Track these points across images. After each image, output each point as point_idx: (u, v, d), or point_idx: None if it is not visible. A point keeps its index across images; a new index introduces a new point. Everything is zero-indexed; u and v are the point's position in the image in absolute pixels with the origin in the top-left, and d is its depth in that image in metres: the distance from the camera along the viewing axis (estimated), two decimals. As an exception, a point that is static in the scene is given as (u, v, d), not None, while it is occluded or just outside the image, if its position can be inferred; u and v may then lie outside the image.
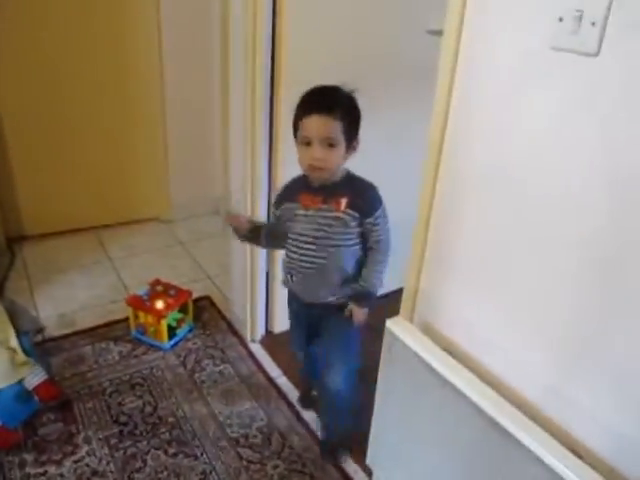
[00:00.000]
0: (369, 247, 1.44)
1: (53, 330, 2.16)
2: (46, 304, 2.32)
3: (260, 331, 2.20)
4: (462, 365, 1.11)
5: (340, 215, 1.40)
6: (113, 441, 1.71)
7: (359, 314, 1.48)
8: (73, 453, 1.67)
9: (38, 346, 2.00)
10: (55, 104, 2.63)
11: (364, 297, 1.47)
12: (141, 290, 2.14)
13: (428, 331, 1.20)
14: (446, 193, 1.13)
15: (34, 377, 1.75)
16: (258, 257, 2.05)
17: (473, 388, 1.06)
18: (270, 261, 2.08)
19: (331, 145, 1.32)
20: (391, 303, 1.43)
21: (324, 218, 1.41)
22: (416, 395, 1.19)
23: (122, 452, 1.67)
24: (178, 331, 2.13)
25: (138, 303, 2.07)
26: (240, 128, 1.88)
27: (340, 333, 1.54)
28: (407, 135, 1.98)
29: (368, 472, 1.59)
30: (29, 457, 1.64)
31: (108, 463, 1.63)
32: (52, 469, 1.61)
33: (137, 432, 1.74)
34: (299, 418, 1.83)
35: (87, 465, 1.63)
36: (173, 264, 2.69)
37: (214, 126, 2.96)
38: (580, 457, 0.94)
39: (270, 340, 2.20)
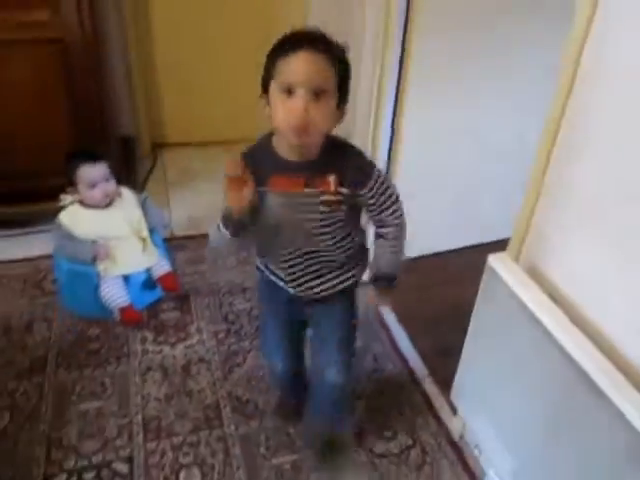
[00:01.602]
0: (378, 220, 1.16)
1: (181, 230, 2.36)
2: (178, 206, 2.52)
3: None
4: (563, 313, 1.04)
5: (331, 198, 1.09)
6: (220, 336, 1.86)
7: (385, 300, 1.27)
8: (185, 339, 1.85)
9: (166, 242, 2.20)
10: (200, 23, 2.73)
11: (390, 280, 1.23)
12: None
13: (532, 274, 1.13)
14: (572, 131, 1.02)
15: (160, 268, 1.94)
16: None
17: (570, 338, 1.00)
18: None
19: (321, 97, 0.97)
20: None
21: (309, 205, 1.09)
22: (509, 337, 1.15)
23: (227, 347, 1.82)
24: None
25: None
26: (370, 62, 1.83)
27: (344, 322, 1.31)
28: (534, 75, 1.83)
29: (453, 407, 1.59)
30: (149, 336, 1.85)
31: (214, 354, 1.79)
32: (167, 349, 1.81)
33: (242, 332, 1.88)
34: (395, 346, 1.86)
35: (196, 352, 1.80)
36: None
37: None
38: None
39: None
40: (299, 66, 0.95)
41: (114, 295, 1.82)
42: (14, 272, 2.10)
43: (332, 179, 1.07)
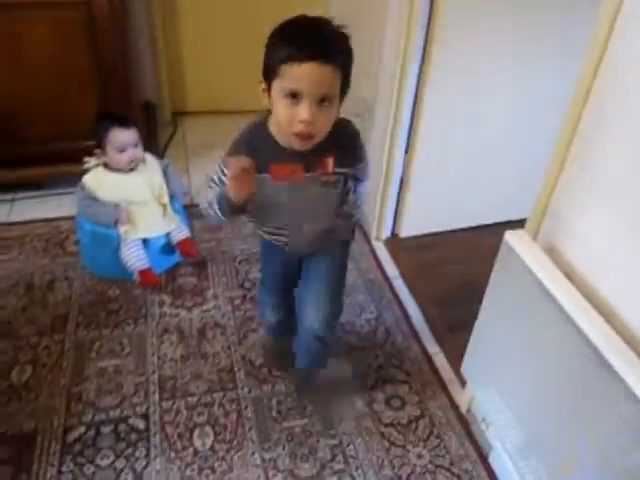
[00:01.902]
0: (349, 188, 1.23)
1: (200, 198, 2.38)
2: (197, 174, 2.54)
3: (386, 232, 2.23)
4: (580, 292, 1.05)
5: (330, 179, 1.14)
6: (236, 302, 1.90)
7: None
8: (202, 304, 1.89)
9: (185, 209, 2.23)
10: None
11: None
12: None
13: (549, 251, 1.14)
14: (598, 110, 1.02)
15: (179, 233, 1.98)
16: (394, 163, 2.04)
17: (585, 317, 1.01)
18: (406, 167, 2.07)
19: (325, 103, 0.99)
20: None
21: (309, 188, 1.14)
22: (523, 313, 1.17)
23: (242, 312, 1.86)
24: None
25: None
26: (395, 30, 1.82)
27: (335, 275, 1.38)
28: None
29: (462, 379, 1.61)
30: (167, 299, 1.90)
31: (229, 319, 1.83)
32: (183, 313, 1.85)
33: (257, 299, 1.91)
34: (407, 319, 1.88)
35: (212, 316, 1.84)
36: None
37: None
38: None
39: (394, 242, 2.22)
40: (305, 77, 0.95)
41: (134, 257, 1.86)
42: (36, 232, 2.15)
43: (330, 161, 1.09)
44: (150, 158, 1.97)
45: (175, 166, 2.41)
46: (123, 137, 1.82)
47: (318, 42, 0.96)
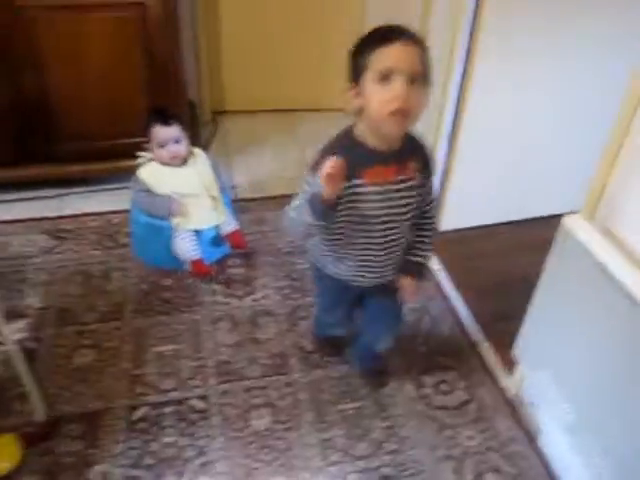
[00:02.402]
0: (424, 212, 1.27)
1: (245, 193, 2.45)
2: (240, 170, 2.62)
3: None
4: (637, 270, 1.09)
5: (415, 184, 1.17)
6: (285, 291, 1.96)
7: (418, 289, 1.33)
8: (252, 293, 1.95)
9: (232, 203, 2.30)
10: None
11: (423, 270, 1.33)
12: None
13: (607, 235, 1.19)
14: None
15: (228, 225, 2.05)
16: (436, 157, 2.09)
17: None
18: (448, 161, 2.12)
19: (416, 83, 1.02)
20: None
21: (400, 192, 1.16)
22: (581, 296, 1.21)
23: (291, 302, 1.92)
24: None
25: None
26: (443, 18, 1.87)
27: (394, 306, 1.43)
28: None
29: (508, 365, 1.66)
30: (218, 288, 1.96)
31: (279, 307, 1.90)
32: (234, 301, 1.92)
33: (305, 289, 1.97)
34: (451, 308, 1.93)
35: (262, 305, 1.91)
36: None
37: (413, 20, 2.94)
38: None
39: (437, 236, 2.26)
40: (398, 53, 1.00)
41: (187, 248, 1.93)
42: (88, 225, 2.23)
43: (412, 165, 1.15)
44: (200, 153, 2.04)
45: (219, 163, 2.50)
46: (163, 134, 1.90)
47: (404, 30, 1.04)
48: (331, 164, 0.99)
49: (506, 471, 1.46)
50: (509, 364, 1.65)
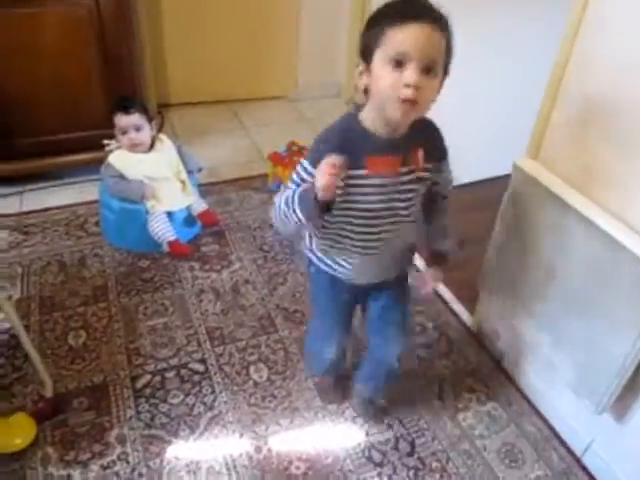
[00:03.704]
0: (442, 195, 1.21)
1: (203, 179, 2.54)
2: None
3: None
4: (580, 194, 1.32)
5: (422, 175, 1.08)
6: (259, 262, 2.09)
7: (438, 277, 1.26)
8: (229, 267, 2.07)
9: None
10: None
11: (445, 257, 1.25)
12: (280, 148, 2.45)
13: (549, 168, 1.41)
14: (586, 44, 1.30)
15: (198, 205, 2.15)
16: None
17: (595, 214, 1.25)
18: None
19: (431, 72, 0.93)
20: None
21: (404, 184, 1.07)
22: (537, 224, 1.42)
23: (267, 270, 2.05)
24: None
25: (278, 159, 2.39)
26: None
27: (402, 306, 1.34)
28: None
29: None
30: (196, 265, 2.06)
31: (257, 276, 2.03)
32: (214, 275, 2.03)
33: (278, 258, 2.11)
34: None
35: (240, 275, 2.03)
36: (300, 135, 2.96)
37: (345, 10, 3.13)
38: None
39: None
40: (415, 37, 0.90)
41: (162, 229, 2.02)
42: (54, 218, 2.25)
43: (420, 154, 1.05)
44: (166, 138, 2.13)
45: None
46: (124, 121, 1.98)
47: (425, 6, 0.93)
48: (331, 164, 0.92)
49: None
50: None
